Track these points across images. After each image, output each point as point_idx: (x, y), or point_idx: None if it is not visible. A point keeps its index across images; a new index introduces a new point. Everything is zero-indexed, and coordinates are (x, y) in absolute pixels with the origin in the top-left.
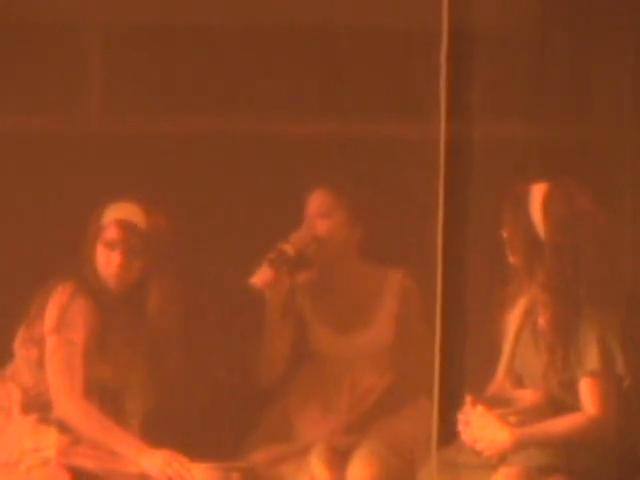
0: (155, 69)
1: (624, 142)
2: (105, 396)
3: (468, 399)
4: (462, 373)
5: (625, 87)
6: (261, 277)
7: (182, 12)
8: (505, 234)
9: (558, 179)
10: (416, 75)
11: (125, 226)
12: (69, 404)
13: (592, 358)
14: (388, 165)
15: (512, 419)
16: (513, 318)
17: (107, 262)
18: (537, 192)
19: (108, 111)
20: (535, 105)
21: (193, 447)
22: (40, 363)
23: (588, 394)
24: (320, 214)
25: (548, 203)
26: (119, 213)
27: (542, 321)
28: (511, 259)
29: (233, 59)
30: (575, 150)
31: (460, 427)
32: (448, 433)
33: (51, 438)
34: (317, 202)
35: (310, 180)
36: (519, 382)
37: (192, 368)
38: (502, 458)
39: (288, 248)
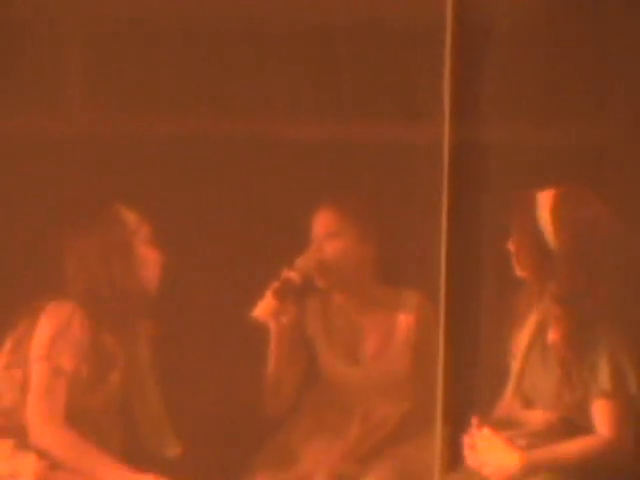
0: (140, 67)
1: None
2: (89, 425)
3: (474, 421)
4: (470, 394)
5: None
6: (264, 309)
7: (170, 7)
8: (512, 246)
9: (568, 185)
10: (418, 73)
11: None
12: (46, 431)
13: (604, 379)
14: (388, 171)
15: (521, 442)
16: (522, 336)
17: (150, 261)
18: (545, 199)
19: (90, 111)
20: (546, 106)
21: (191, 474)
22: (23, 387)
23: (601, 416)
24: (328, 235)
25: (557, 210)
26: (132, 213)
27: (555, 337)
28: (519, 272)
29: (226, 58)
30: (590, 154)
31: (466, 451)
32: (454, 457)
33: (29, 463)
34: (324, 222)
35: (310, 189)
36: (528, 403)
37: (190, 396)
38: None
39: (294, 276)
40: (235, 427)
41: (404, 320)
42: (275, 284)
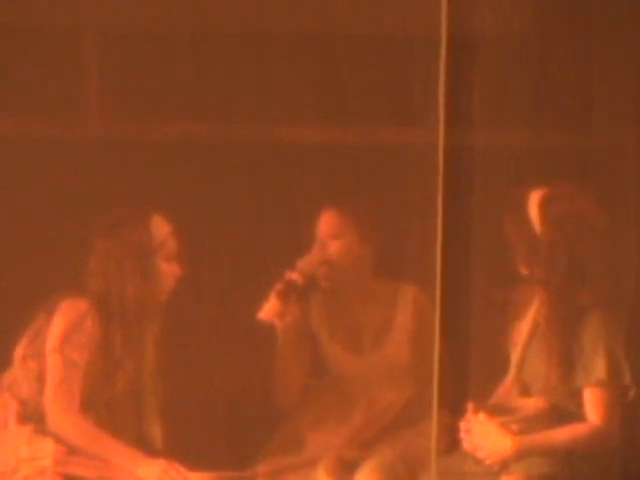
0: (153, 74)
1: (625, 149)
2: (104, 412)
3: (470, 407)
4: (466, 382)
5: (626, 94)
6: (269, 310)
7: (181, 18)
8: (509, 243)
9: (557, 183)
10: (415, 82)
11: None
12: (63, 419)
13: (599, 368)
14: (386, 173)
15: (514, 427)
16: (523, 326)
17: (167, 276)
18: (535, 195)
19: (105, 116)
20: (535, 112)
21: (203, 460)
22: (39, 377)
23: (593, 404)
24: (331, 236)
25: (545, 203)
26: (166, 226)
27: (542, 319)
28: (521, 269)
29: (231, 66)
30: (575, 157)
31: (462, 435)
32: (451, 441)
33: (47, 448)
34: (327, 223)
35: (312, 191)
36: (526, 390)
37: (202, 385)
38: (504, 466)
39: (296, 277)
40: (247, 418)
41: (402, 312)
42: (278, 286)
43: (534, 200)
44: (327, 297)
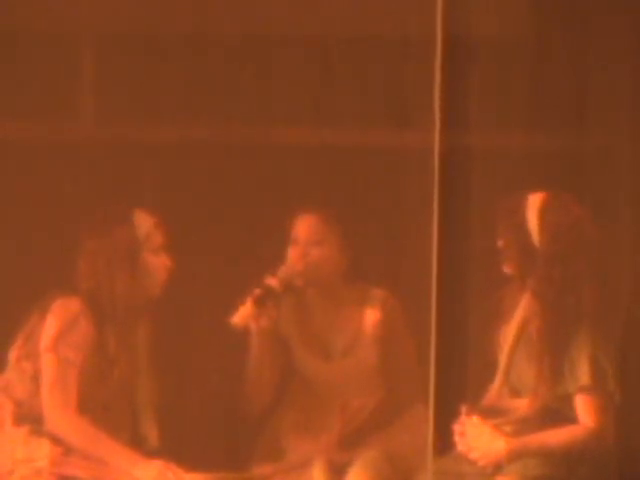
0: (148, 77)
1: (621, 152)
2: (100, 412)
3: (463, 409)
4: (459, 383)
5: (623, 96)
6: (243, 315)
7: (176, 21)
8: (501, 243)
9: (555, 190)
10: (410, 84)
11: (162, 230)
12: (61, 418)
13: (583, 374)
14: (382, 175)
15: (507, 429)
16: (509, 329)
17: (157, 268)
18: (534, 201)
19: (101, 119)
20: (531, 114)
21: (200, 461)
22: (34, 377)
23: (584, 408)
24: (312, 242)
25: (546, 212)
26: (149, 218)
27: (532, 329)
28: (505, 268)
29: (226, 68)
30: (572, 160)
31: (456, 437)
32: (445, 443)
33: (43, 449)
34: (307, 228)
35: (306, 194)
36: (516, 393)
37: (198, 384)
38: (498, 468)
39: (275, 283)
40: (244, 418)
41: (370, 316)
42: (256, 291)
43: (534, 206)
44: (296, 302)
